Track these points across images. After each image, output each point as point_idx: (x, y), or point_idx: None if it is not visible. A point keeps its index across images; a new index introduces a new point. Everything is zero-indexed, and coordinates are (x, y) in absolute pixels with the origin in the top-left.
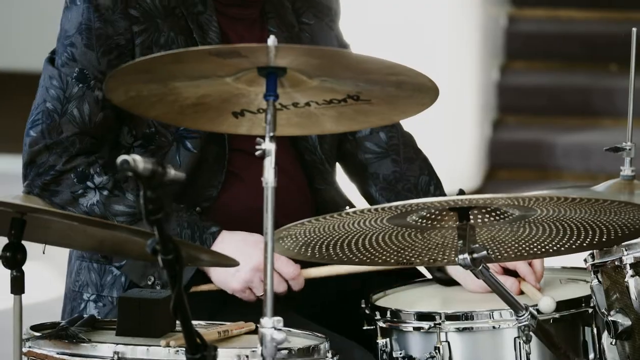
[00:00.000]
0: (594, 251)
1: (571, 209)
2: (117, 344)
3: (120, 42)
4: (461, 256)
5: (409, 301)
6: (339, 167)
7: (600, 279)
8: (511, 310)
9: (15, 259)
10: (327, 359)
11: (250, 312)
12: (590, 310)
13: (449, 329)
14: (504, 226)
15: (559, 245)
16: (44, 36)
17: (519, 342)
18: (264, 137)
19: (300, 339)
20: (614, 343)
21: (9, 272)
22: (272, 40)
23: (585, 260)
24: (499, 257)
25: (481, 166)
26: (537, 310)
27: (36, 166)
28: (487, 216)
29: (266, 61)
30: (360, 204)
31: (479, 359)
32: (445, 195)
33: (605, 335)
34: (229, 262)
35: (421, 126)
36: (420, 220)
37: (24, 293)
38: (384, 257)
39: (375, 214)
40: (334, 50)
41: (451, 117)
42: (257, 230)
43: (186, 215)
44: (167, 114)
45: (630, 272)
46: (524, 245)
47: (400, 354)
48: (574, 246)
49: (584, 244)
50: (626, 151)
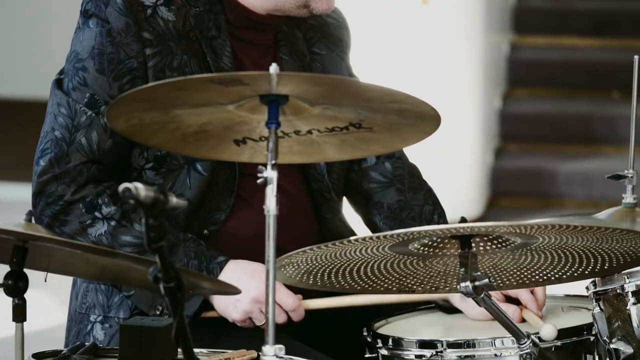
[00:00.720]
0: (596, 279)
1: (573, 236)
2: None
3: (132, 65)
4: (463, 284)
5: (411, 329)
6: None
7: (602, 307)
8: (513, 338)
9: (17, 287)
10: None
11: (252, 339)
12: (592, 338)
13: (451, 356)
14: (506, 254)
15: (560, 273)
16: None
17: None
18: (265, 165)
19: None
20: None
21: (10, 300)
22: (273, 68)
23: (587, 288)
24: (501, 284)
25: (483, 194)
26: (539, 338)
27: (45, 196)
28: (489, 244)
29: (268, 89)
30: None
31: None
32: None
33: None
34: (230, 289)
35: (423, 154)
36: (422, 248)
37: (25, 321)
38: (385, 285)
39: (378, 242)
40: (335, 78)
41: (453, 145)
42: (263, 255)
43: (193, 246)
44: (169, 142)
45: (632, 299)
46: (525, 273)
47: None
48: (575, 274)
49: (586, 272)
50: (628, 179)
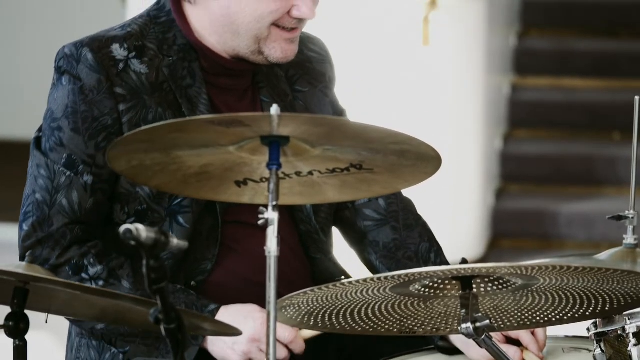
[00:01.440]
0: (597, 320)
1: (574, 277)
2: None
3: (107, 122)
4: (464, 325)
5: None
6: (338, 234)
7: (603, 348)
8: None
9: (18, 329)
10: None
11: None
12: None
13: None
14: (507, 295)
15: (561, 315)
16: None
17: None
18: (266, 206)
19: None
20: None
21: (11, 341)
22: (274, 109)
23: (588, 329)
24: (502, 326)
25: (484, 235)
26: None
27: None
28: (490, 285)
29: (269, 130)
30: (357, 273)
31: None
32: (447, 262)
33: None
34: (230, 331)
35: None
36: (422, 289)
37: None
38: (386, 327)
39: (378, 283)
40: (336, 119)
41: (454, 186)
42: (253, 301)
43: (184, 296)
44: (170, 183)
45: (633, 341)
46: (526, 314)
47: None
48: (576, 315)
49: (587, 313)
50: (629, 219)
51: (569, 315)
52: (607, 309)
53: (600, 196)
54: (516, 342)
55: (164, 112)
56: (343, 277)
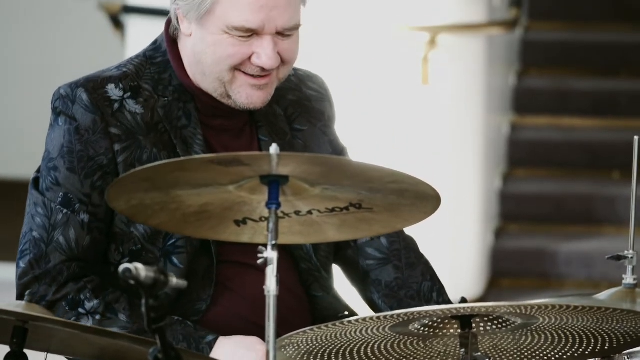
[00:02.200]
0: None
1: (573, 317)
2: None
3: (102, 162)
4: None
5: None
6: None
7: None
8: None
9: None
10: None
11: None
12: None
13: None
14: (507, 334)
15: (561, 354)
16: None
17: None
18: (265, 246)
19: None
20: None
21: None
22: (274, 149)
23: None
24: None
25: (483, 274)
26: None
27: (28, 298)
28: (490, 324)
29: (268, 169)
30: (360, 308)
31: None
32: (449, 301)
33: None
34: None
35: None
36: (422, 329)
37: None
38: None
39: (378, 322)
40: (336, 159)
41: (453, 225)
42: None
43: (181, 328)
44: (169, 223)
45: None
46: (526, 354)
47: None
48: (576, 354)
49: (587, 352)
50: (628, 259)
51: (569, 354)
52: (606, 348)
53: (599, 235)
54: None
55: (159, 152)
56: (347, 313)
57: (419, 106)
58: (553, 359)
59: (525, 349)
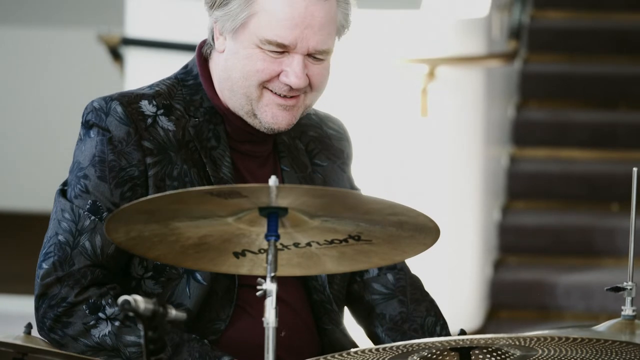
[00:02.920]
0: None
1: (572, 348)
2: None
3: (133, 173)
4: None
5: None
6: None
7: None
8: None
9: None
10: None
11: None
12: None
13: None
14: None
15: None
16: (45, 177)
17: None
18: (265, 278)
19: None
20: None
21: None
22: (273, 181)
23: None
24: None
25: (482, 306)
26: None
27: (48, 298)
28: (489, 356)
29: (267, 201)
30: (365, 345)
31: None
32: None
33: None
34: None
35: (422, 266)
36: None
37: None
38: None
39: (377, 354)
40: (334, 190)
41: (452, 257)
42: None
43: (198, 345)
44: (169, 255)
45: None
46: None
47: None
48: None
49: None
50: (627, 291)
51: None
52: None
53: (598, 267)
54: None
55: (188, 169)
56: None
57: (418, 138)
58: None
59: None
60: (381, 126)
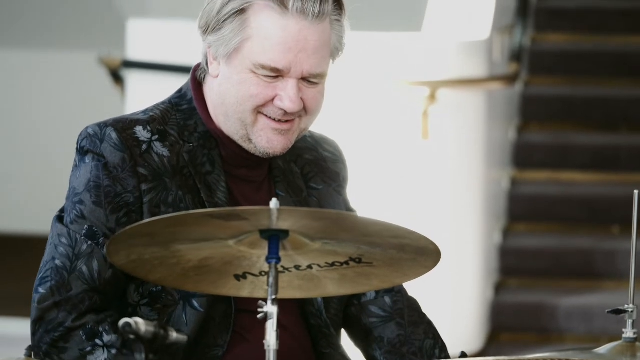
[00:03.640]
0: None
1: None
2: None
3: (129, 200)
4: None
5: None
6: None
7: None
8: None
9: None
10: None
11: None
12: None
13: None
14: None
15: None
16: (46, 200)
17: None
18: (266, 300)
19: None
20: None
21: None
22: (274, 203)
23: None
24: None
25: (483, 329)
26: None
27: (45, 323)
28: None
29: (268, 224)
30: None
31: None
32: (449, 358)
33: None
34: None
35: (423, 288)
36: None
37: None
38: None
39: None
40: (335, 213)
41: (453, 280)
42: None
43: None
44: (169, 277)
45: None
46: None
47: None
48: None
49: None
50: (628, 313)
51: None
52: None
53: (599, 290)
54: None
55: (183, 195)
56: None
57: (419, 161)
58: None
59: None
60: (382, 149)
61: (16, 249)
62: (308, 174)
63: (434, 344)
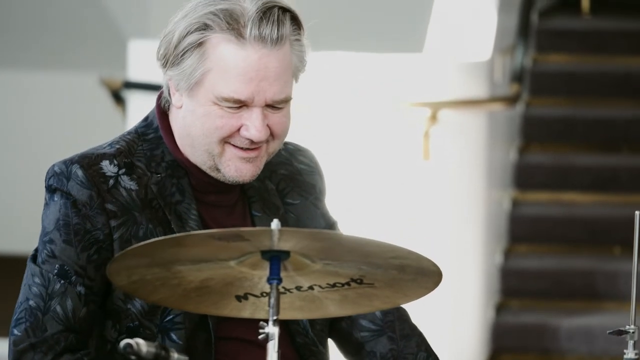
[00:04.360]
0: None
1: None
2: None
3: (99, 237)
4: None
5: None
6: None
7: None
8: None
9: None
10: None
11: None
12: None
13: None
14: None
15: None
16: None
17: None
18: (267, 321)
19: None
20: None
21: None
22: (275, 224)
23: None
24: None
25: (484, 350)
26: None
27: None
28: None
29: (269, 245)
30: None
31: None
32: None
33: None
34: None
35: (424, 309)
36: None
37: None
38: None
39: None
40: (337, 234)
41: (454, 301)
42: None
43: None
44: (170, 298)
45: None
46: None
47: None
48: None
49: None
50: (629, 334)
51: None
52: None
53: (600, 311)
54: None
55: (154, 228)
56: None
57: (420, 182)
58: None
59: None
60: (383, 169)
61: (15, 271)
62: (284, 189)
63: (426, 357)
